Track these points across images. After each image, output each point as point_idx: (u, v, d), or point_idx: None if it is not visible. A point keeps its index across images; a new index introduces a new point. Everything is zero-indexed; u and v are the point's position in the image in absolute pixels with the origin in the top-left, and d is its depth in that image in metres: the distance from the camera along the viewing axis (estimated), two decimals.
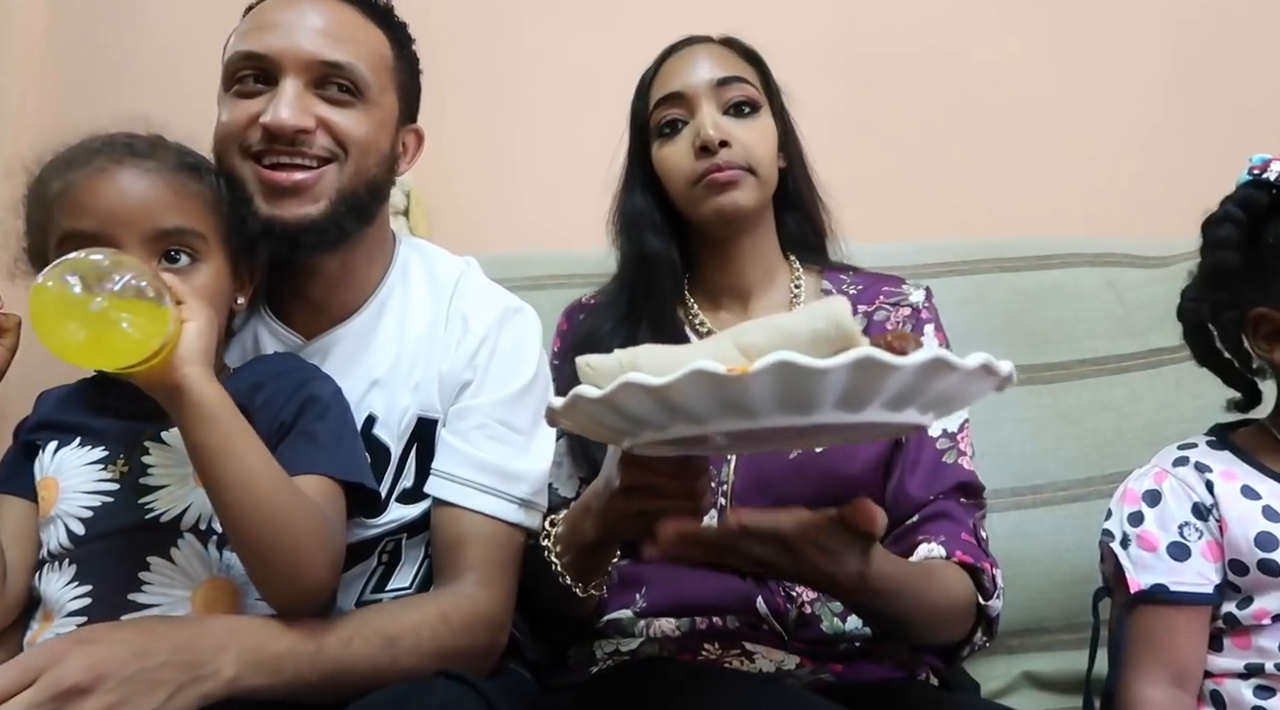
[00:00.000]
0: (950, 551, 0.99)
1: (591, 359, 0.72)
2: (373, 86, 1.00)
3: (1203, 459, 0.98)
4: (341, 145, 0.97)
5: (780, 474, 1.04)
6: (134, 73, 1.97)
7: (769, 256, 1.17)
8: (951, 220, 1.11)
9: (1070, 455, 1.39)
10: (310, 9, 0.99)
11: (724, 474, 1.06)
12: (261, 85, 0.97)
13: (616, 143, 1.21)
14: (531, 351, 1.09)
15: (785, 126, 1.16)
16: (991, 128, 1.84)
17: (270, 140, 0.95)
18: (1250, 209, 0.93)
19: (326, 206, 0.97)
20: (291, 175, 0.95)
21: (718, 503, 1.05)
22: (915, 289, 1.18)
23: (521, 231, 1.87)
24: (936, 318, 1.16)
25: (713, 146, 1.07)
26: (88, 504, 0.90)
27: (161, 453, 0.91)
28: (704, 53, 1.14)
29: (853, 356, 0.60)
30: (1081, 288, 1.53)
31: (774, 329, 0.69)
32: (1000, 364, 0.65)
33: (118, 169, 0.88)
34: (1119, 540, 0.99)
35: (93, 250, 0.79)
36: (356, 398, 1.02)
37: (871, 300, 1.15)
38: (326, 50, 0.97)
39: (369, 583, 1.04)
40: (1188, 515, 0.95)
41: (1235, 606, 0.94)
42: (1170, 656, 0.94)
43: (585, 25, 1.92)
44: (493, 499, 1.00)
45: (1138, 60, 1.87)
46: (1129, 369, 1.46)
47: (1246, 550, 0.92)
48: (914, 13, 1.83)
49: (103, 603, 0.87)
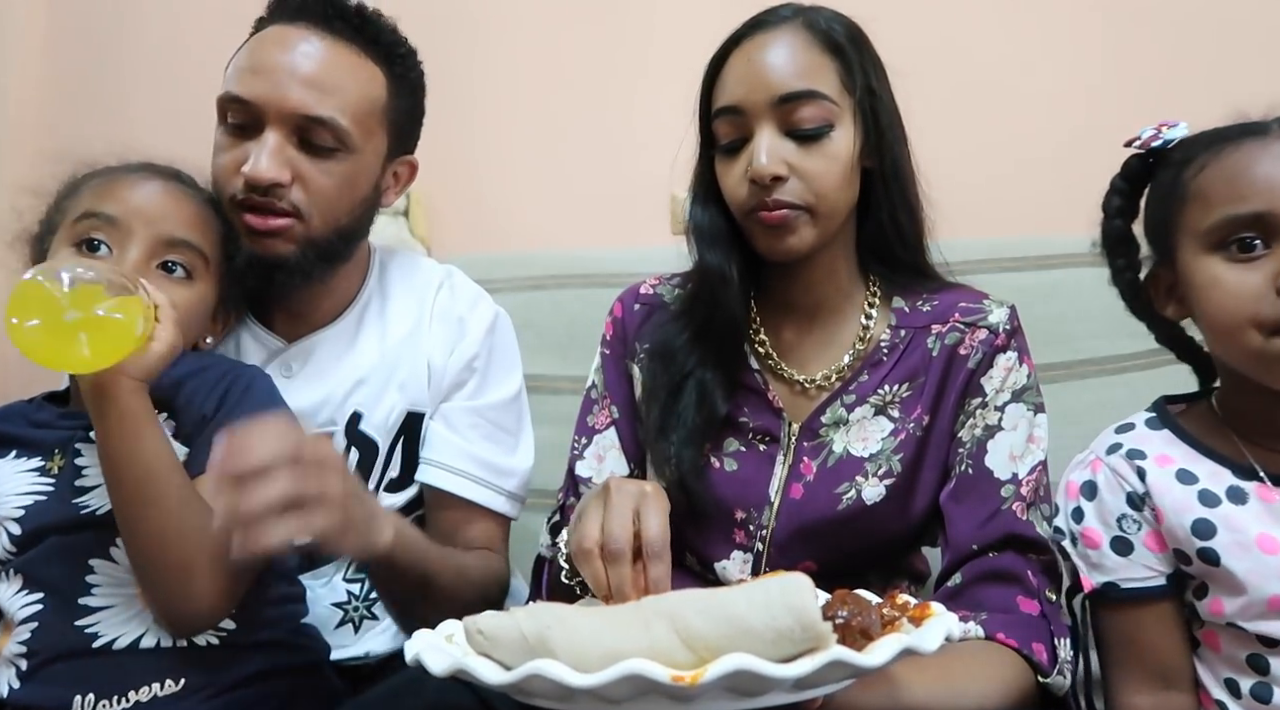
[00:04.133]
0: (991, 631, 0.89)
1: (485, 624, 0.63)
2: (354, 136, 1.04)
3: (1137, 444, 0.93)
4: (311, 201, 1.03)
5: (824, 525, 0.99)
6: (133, 73, 1.97)
7: (841, 273, 1.05)
8: (951, 220, 1.11)
9: (1070, 455, 1.39)
10: (303, 52, 1.02)
11: (764, 519, 1.01)
12: (248, 129, 1.02)
13: (617, 143, 1.21)
14: (518, 357, 1.20)
15: (875, 124, 1.00)
16: (991, 127, 1.83)
17: (250, 189, 1.01)
18: (1130, 178, 0.98)
19: (296, 250, 1.03)
20: (266, 221, 1.02)
21: (754, 549, 1.01)
22: (997, 306, 1.03)
23: (522, 231, 1.87)
24: (1010, 342, 1.01)
25: (764, 181, 0.95)
26: (20, 504, 0.91)
27: (93, 453, 0.91)
28: (774, 50, 0.97)
29: (820, 662, 0.55)
30: (1081, 288, 1.52)
31: (725, 619, 0.59)
32: (954, 632, 0.63)
33: (157, 178, 0.97)
34: (1069, 538, 0.95)
35: (77, 263, 0.83)
36: (341, 395, 1.10)
37: (945, 319, 1.03)
38: (311, 104, 1.01)
39: (351, 564, 1.12)
40: (1123, 506, 0.91)
41: (1194, 596, 0.90)
42: (1147, 657, 0.90)
43: (586, 25, 1.91)
44: (484, 490, 1.11)
45: (1138, 60, 1.86)
46: (1129, 369, 1.46)
47: (1185, 539, 0.87)
48: (914, 12, 1.83)
49: (54, 609, 0.88)
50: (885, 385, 1.02)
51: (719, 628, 0.58)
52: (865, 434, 1.01)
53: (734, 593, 0.61)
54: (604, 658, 0.55)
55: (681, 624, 0.58)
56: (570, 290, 1.53)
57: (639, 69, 1.87)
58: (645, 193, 1.69)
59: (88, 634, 0.87)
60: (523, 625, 0.60)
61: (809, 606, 0.57)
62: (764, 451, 1.03)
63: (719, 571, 1.03)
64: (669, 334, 1.06)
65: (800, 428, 1.03)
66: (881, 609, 0.70)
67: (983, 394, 1.00)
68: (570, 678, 0.54)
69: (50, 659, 0.87)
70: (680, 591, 0.74)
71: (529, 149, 1.92)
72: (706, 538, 1.04)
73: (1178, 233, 0.90)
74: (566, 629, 0.59)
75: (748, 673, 0.53)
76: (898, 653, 0.59)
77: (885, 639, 0.61)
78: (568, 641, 0.58)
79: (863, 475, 1.00)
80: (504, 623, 0.62)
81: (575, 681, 0.54)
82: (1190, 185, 0.89)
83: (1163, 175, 0.94)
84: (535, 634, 0.59)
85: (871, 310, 1.05)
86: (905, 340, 1.03)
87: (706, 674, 0.53)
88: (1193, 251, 0.88)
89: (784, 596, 0.58)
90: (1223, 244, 0.86)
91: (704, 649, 0.57)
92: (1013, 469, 0.97)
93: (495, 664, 0.60)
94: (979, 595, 0.93)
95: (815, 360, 1.05)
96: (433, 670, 0.62)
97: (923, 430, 1.00)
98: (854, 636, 0.61)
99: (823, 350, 1.05)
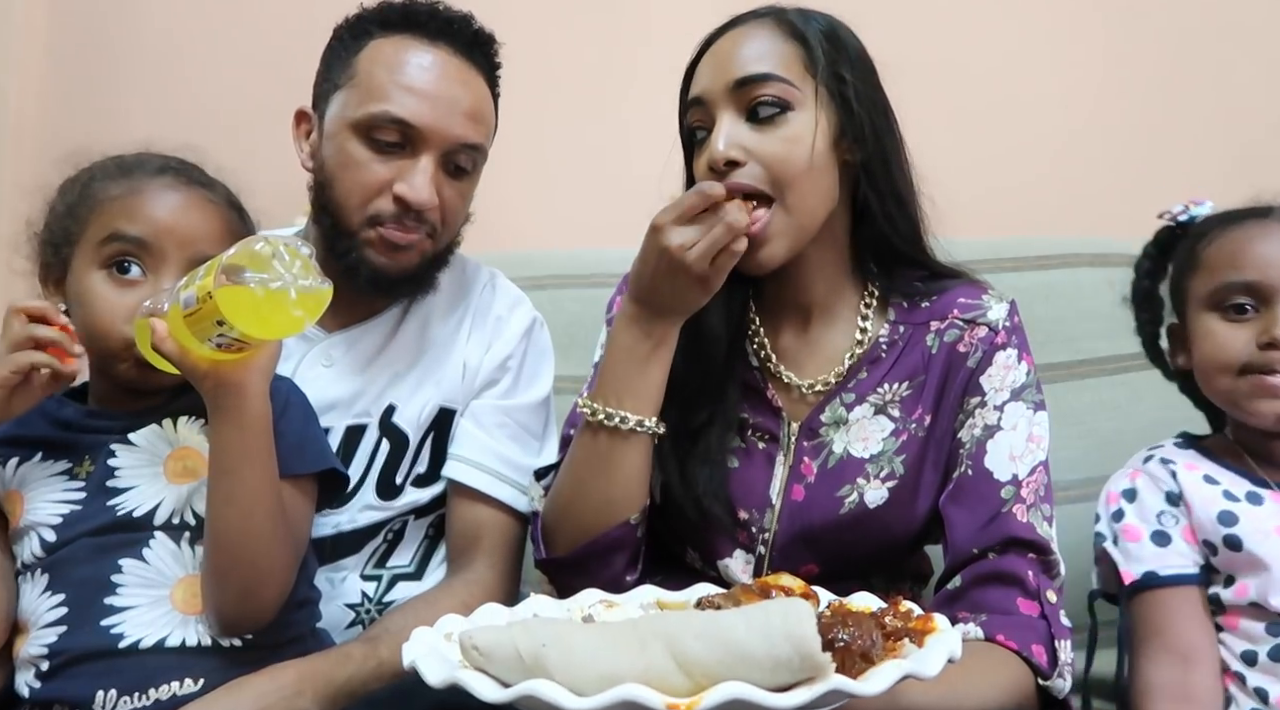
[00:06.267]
0: (990, 633, 0.89)
1: (481, 641, 0.62)
2: (482, 162, 1.12)
3: (1167, 455, 1.06)
4: (444, 219, 1.09)
5: (826, 528, 0.99)
6: (134, 73, 1.97)
7: (835, 274, 1.04)
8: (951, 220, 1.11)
9: (1070, 455, 1.39)
10: (461, 84, 1.08)
11: (766, 522, 1.01)
12: (397, 148, 1.05)
13: (617, 143, 1.21)
14: (551, 364, 1.21)
15: (850, 112, 0.96)
16: (991, 128, 1.83)
17: (403, 209, 1.05)
18: (1159, 245, 1.13)
19: (420, 261, 1.09)
20: (409, 236, 1.06)
21: (756, 551, 1.02)
22: (996, 302, 1.02)
23: (520, 232, 1.87)
24: (1009, 339, 1.01)
25: (718, 166, 0.93)
26: (57, 512, 0.91)
27: (129, 453, 0.93)
28: (739, 41, 0.97)
29: (818, 692, 0.55)
30: (1081, 288, 1.53)
31: (723, 644, 0.58)
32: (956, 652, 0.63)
33: (183, 190, 0.94)
34: (1110, 539, 1.04)
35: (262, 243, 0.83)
36: (378, 388, 1.12)
37: (944, 316, 1.02)
38: (470, 134, 1.08)
39: (371, 559, 1.12)
40: (1163, 504, 1.02)
41: (1221, 587, 0.99)
42: (1172, 638, 0.98)
43: (586, 25, 1.91)
44: (507, 488, 1.11)
45: (1138, 61, 1.86)
46: (1129, 369, 1.46)
47: (1211, 529, 0.99)
48: (914, 14, 1.83)
49: (78, 609, 0.89)
50: (885, 384, 1.02)
51: (716, 653, 0.57)
52: (866, 434, 1.01)
53: (733, 617, 0.60)
54: (599, 680, 0.55)
55: (679, 647, 0.58)
56: (570, 290, 1.53)
57: (640, 69, 1.87)
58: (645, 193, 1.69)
59: (113, 634, 0.88)
60: (519, 642, 0.60)
61: (809, 637, 0.57)
62: (763, 449, 1.03)
63: (721, 569, 1.03)
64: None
65: (800, 427, 1.02)
66: (884, 616, 0.70)
67: (982, 393, 0.99)
68: (565, 700, 0.54)
69: (74, 659, 0.88)
70: (679, 613, 0.75)
71: (528, 149, 1.91)
72: (709, 535, 1.03)
73: (1188, 294, 1.05)
74: (562, 648, 0.59)
75: (744, 703, 0.53)
76: (896, 680, 0.58)
77: (885, 665, 0.60)
78: (563, 661, 0.58)
79: (864, 477, 0.99)
80: (500, 640, 0.61)
81: (569, 705, 0.54)
82: (1201, 255, 1.05)
83: (1183, 245, 1.09)
84: (531, 652, 0.59)
85: (868, 310, 1.04)
86: (904, 337, 1.03)
87: (702, 702, 0.53)
88: (1196, 309, 1.04)
89: (785, 625, 0.57)
90: (1220, 305, 1.02)
91: (700, 674, 0.56)
92: (1013, 470, 0.96)
93: (491, 679, 0.60)
94: (978, 597, 0.93)
95: (813, 363, 1.05)
96: (429, 681, 0.62)
97: (924, 430, 1.00)
98: (854, 660, 0.60)
99: (820, 353, 1.05)
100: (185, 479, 0.92)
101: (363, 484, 1.11)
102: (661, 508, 1.04)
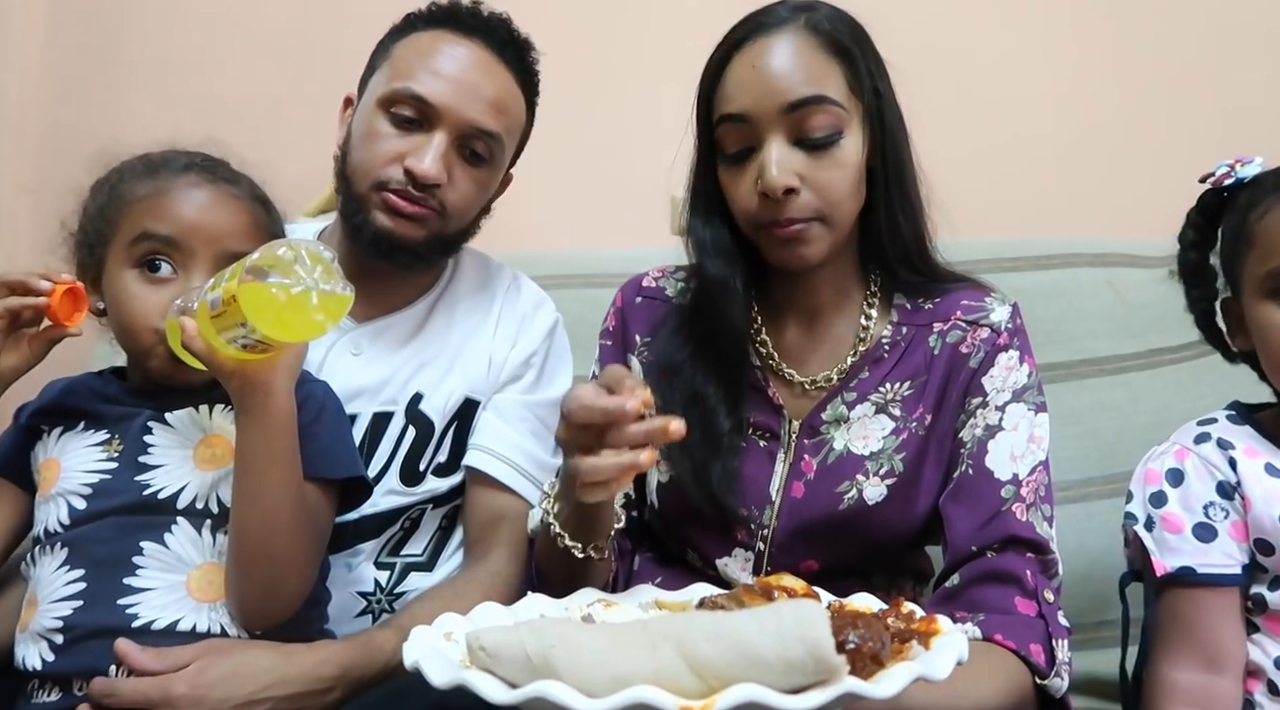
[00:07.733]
0: (988, 632, 0.89)
1: (488, 641, 0.61)
2: (500, 155, 1.15)
3: (1225, 435, 0.95)
4: (454, 202, 1.12)
5: (825, 524, 0.99)
6: (134, 73, 1.97)
7: (843, 274, 1.04)
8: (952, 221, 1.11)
9: (1070, 455, 1.40)
10: (486, 74, 1.12)
11: (765, 518, 1.01)
12: (414, 124, 1.09)
13: (617, 143, 1.21)
14: (570, 366, 1.25)
15: (881, 125, 0.98)
16: (991, 127, 1.83)
17: (410, 181, 1.08)
18: (1205, 212, 1.01)
19: (426, 236, 1.12)
20: (414, 206, 1.09)
21: (756, 548, 1.02)
22: (999, 304, 1.03)
23: (521, 232, 1.87)
24: (1011, 341, 1.01)
25: (776, 195, 0.92)
26: (87, 482, 0.93)
27: (164, 433, 0.95)
28: (779, 54, 0.94)
29: (833, 694, 0.54)
30: (1081, 288, 1.53)
31: (733, 645, 0.57)
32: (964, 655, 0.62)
33: (209, 187, 0.96)
34: (1143, 523, 0.96)
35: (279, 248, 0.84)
36: (405, 376, 1.15)
37: (947, 317, 1.02)
38: (487, 120, 1.11)
39: (387, 546, 1.15)
40: (1213, 494, 0.92)
41: (1266, 588, 0.91)
42: (1202, 640, 0.91)
43: (586, 24, 1.91)
44: (525, 481, 1.14)
45: (1138, 60, 1.86)
46: (1129, 369, 1.47)
47: (1272, 529, 0.89)
48: (915, 13, 1.83)
49: (96, 585, 0.90)
50: (886, 383, 1.02)
51: (728, 655, 0.56)
52: (866, 432, 1.01)
53: (744, 618, 0.60)
54: (609, 681, 0.55)
55: (690, 649, 0.57)
56: (570, 290, 1.53)
57: (640, 69, 1.87)
58: (645, 193, 1.69)
59: (128, 613, 0.89)
60: (526, 643, 0.59)
61: (823, 639, 0.56)
62: (764, 447, 1.03)
63: (720, 568, 1.03)
64: (673, 348, 1.05)
65: (801, 425, 1.03)
66: (887, 618, 0.70)
67: (983, 393, 1.00)
68: (575, 702, 0.53)
69: (87, 634, 0.89)
70: (689, 614, 0.75)
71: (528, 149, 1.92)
72: (708, 534, 1.04)
73: (1242, 273, 0.94)
74: (570, 648, 0.58)
75: (758, 705, 0.53)
76: (907, 683, 0.58)
77: (896, 668, 0.60)
78: (572, 662, 0.57)
79: (864, 474, 0.99)
80: (508, 640, 0.60)
81: (580, 706, 0.53)
82: (1255, 228, 0.92)
83: (1232, 215, 0.97)
84: (539, 653, 0.58)
85: (871, 310, 1.05)
86: (907, 338, 1.03)
87: (716, 705, 0.52)
88: (1253, 295, 0.92)
89: (798, 627, 0.57)
90: (1278, 291, 0.89)
91: (712, 676, 0.55)
92: (1013, 469, 0.96)
93: (498, 680, 0.59)
94: (976, 596, 0.93)
95: (815, 361, 1.05)
96: (434, 681, 0.61)
97: (925, 429, 1.00)
98: (864, 662, 0.60)
99: (823, 351, 1.05)
100: (212, 466, 0.94)
101: (388, 469, 1.13)
102: (663, 505, 1.04)
